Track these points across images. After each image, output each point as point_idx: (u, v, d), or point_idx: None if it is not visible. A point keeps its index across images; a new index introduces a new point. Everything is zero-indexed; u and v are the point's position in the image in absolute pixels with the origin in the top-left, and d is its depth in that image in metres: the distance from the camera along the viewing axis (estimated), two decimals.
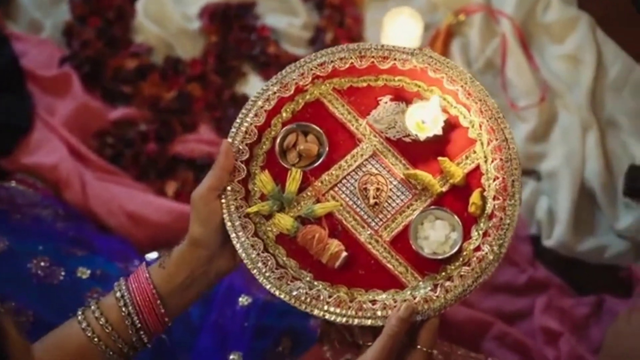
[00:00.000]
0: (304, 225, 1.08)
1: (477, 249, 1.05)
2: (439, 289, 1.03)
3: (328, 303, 1.04)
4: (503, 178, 1.07)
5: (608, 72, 1.95)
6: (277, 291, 1.04)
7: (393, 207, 1.10)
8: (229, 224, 1.06)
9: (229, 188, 1.08)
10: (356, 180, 1.10)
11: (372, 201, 1.09)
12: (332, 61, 1.13)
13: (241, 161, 1.09)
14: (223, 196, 1.07)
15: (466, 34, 2.03)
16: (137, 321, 1.06)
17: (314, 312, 1.04)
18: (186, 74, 1.94)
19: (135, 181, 1.83)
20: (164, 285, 1.07)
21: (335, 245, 1.07)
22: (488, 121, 1.09)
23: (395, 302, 1.03)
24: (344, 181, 1.11)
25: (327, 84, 1.14)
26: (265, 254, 1.06)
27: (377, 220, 1.09)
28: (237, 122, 1.10)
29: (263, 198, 1.10)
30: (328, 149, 1.11)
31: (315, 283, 1.06)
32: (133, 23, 2.02)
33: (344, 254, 1.07)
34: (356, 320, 1.03)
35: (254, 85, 1.97)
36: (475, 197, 1.07)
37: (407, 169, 1.10)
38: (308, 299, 1.04)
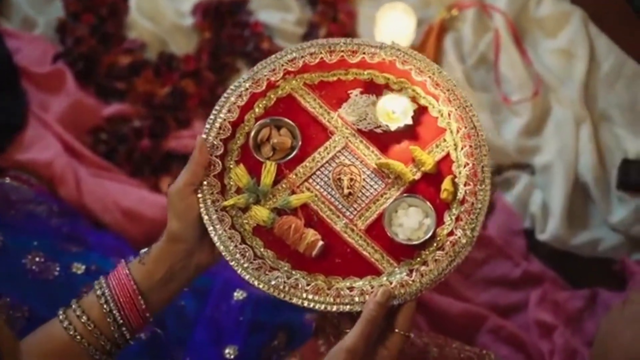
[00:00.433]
0: (280, 216, 1.10)
1: (451, 234, 1.08)
2: (415, 274, 1.06)
3: (306, 291, 1.06)
4: (473, 164, 1.10)
5: (601, 66, 1.96)
6: (256, 281, 1.06)
7: (367, 197, 1.12)
8: (206, 218, 1.08)
9: (205, 183, 1.09)
10: (330, 171, 1.13)
11: (346, 191, 1.12)
12: (303, 56, 1.16)
13: (216, 156, 1.11)
14: (199, 191, 1.09)
15: (459, 29, 2.03)
16: (119, 317, 1.07)
17: (293, 301, 1.05)
18: (180, 70, 1.94)
19: (129, 177, 1.83)
20: (144, 280, 1.08)
21: (311, 234, 1.09)
22: (456, 110, 1.13)
23: (372, 288, 1.05)
24: (318, 172, 1.13)
25: (298, 79, 1.17)
26: (243, 246, 1.08)
27: (352, 209, 1.12)
28: (211, 119, 1.13)
29: (239, 192, 1.11)
30: (301, 142, 1.14)
31: (293, 272, 1.08)
32: (126, 19, 2.01)
33: (321, 243, 1.09)
34: (335, 307, 1.05)
35: None
36: (446, 184, 1.10)
37: (380, 159, 1.13)
38: (287, 288, 1.06)
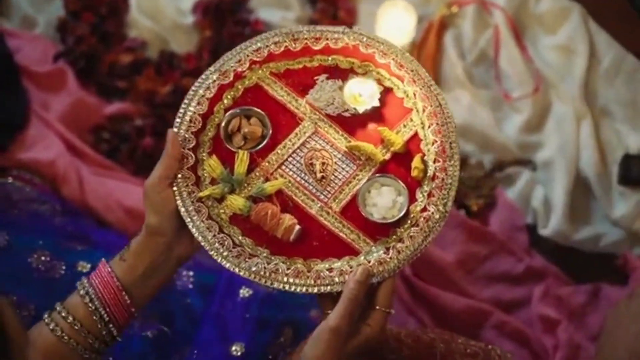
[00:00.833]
0: (256, 204, 1.11)
1: (424, 210, 1.10)
2: (392, 251, 1.08)
3: (287, 275, 1.07)
4: (441, 141, 1.12)
5: (601, 62, 1.97)
6: (237, 269, 1.07)
7: (340, 179, 1.13)
8: (183, 210, 1.08)
9: (180, 175, 1.10)
10: (302, 157, 1.14)
11: (319, 175, 1.13)
12: (267, 46, 1.17)
13: (188, 149, 1.12)
14: (174, 184, 1.09)
15: (459, 26, 2.04)
16: (105, 315, 1.08)
17: (274, 285, 1.07)
18: (181, 69, 1.94)
19: (132, 176, 1.83)
20: (127, 276, 1.09)
21: (288, 219, 1.09)
22: (421, 89, 1.15)
23: (351, 268, 1.07)
24: (290, 159, 1.14)
25: (265, 69, 1.18)
26: (221, 235, 1.09)
27: (326, 192, 1.13)
28: (181, 112, 1.13)
29: (213, 182, 1.12)
30: (271, 130, 1.15)
31: (272, 258, 1.09)
32: (126, 18, 2.01)
33: (298, 227, 1.09)
34: (315, 288, 1.06)
35: None
36: (416, 162, 1.12)
37: (350, 142, 1.14)
38: (267, 273, 1.07)
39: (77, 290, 1.09)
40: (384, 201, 1.11)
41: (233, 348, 1.37)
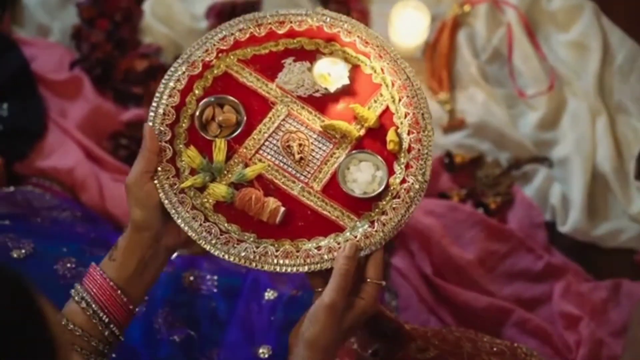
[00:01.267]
0: (238, 190, 1.12)
1: (403, 182, 1.12)
2: (377, 224, 1.10)
3: (277, 257, 1.08)
4: (413, 113, 1.14)
5: (615, 59, 1.98)
6: (227, 255, 1.08)
7: (318, 159, 1.15)
8: (167, 202, 1.09)
9: (159, 169, 1.11)
10: (278, 140, 1.16)
11: (298, 156, 1.14)
12: (233, 33, 1.19)
13: (165, 141, 1.13)
14: (155, 177, 1.10)
15: (472, 25, 2.04)
16: (104, 316, 1.09)
17: (265, 268, 1.08)
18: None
19: None
20: (119, 275, 1.10)
21: (272, 202, 1.11)
22: (388, 64, 1.17)
23: (338, 244, 1.08)
24: (267, 143, 1.15)
25: (232, 56, 1.19)
26: (207, 224, 1.10)
27: (306, 173, 1.14)
28: (154, 106, 1.14)
29: (193, 173, 1.13)
30: (246, 116, 1.16)
31: (260, 241, 1.10)
32: (141, 24, 2.02)
33: (282, 209, 1.11)
34: (306, 267, 1.08)
35: None
36: (391, 135, 1.13)
37: (324, 121, 1.16)
38: (257, 257, 1.08)
39: (72, 297, 1.10)
40: (364, 176, 1.13)
41: (260, 350, 1.37)
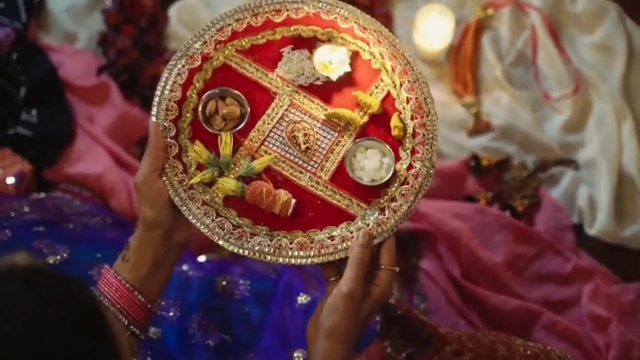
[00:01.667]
0: (247, 183, 1.12)
1: (410, 167, 1.12)
2: (387, 211, 1.10)
3: (291, 249, 1.09)
4: (415, 98, 1.14)
5: None
6: (241, 250, 1.08)
7: (323, 148, 1.15)
8: (177, 199, 1.09)
9: (167, 165, 1.11)
10: (282, 130, 1.15)
11: (304, 146, 1.14)
12: (230, 24, 1.18)
13: (170, 137, 1.12)
14: (163, 175, 1.10)
15: (496, 28, 2.04)
16: (124, 318, 1.08)
17: (280, 261, 1.08)
18: None
19: None
20: (134, 276, 1.10)
21: (283, 194, 1.11)
22: (387, 49, 1.17)
23: (351, 233, 1.09)
24: (272, 134, 1.15)
25: (230, 47, 1.18)
26: (219, 219, 1.10)
27: (312, 162, 1.14)
28: (156, 101, 1.14)
29: (200, 168, 1.12)
30: (249, 108, 1.15)
31: (273, 234, 1.10)
32: (166, 30, 2.03)
33: (294, 201, 1.11)
34: (321, 258, 1.09)
35: None
36: (395, 121, 1.13)
37: (327, 110, 1.15)
38: (272, 250, 1.09)
39: None
40: (371, 163, 1.13)
41: (295, 355, 1.37)
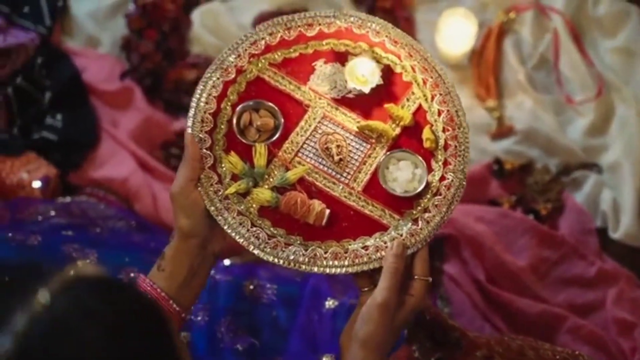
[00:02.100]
0: (281, 194, 1.13)
1: (442, 179, 1.13)
2: (420, 222, 1.11)
3: (325, 258, 1.10)
4: (447, 110, 1.16)
5: None
6: (276, 259, 1.09)
7: (356, 159, 1.16)
8: (213, 209, 1.10)
9: (202, 176, 1.12)
10: (315, 142, 1.16)
11: (337, 158, 1.15)
12: (263, 37, 1.19)
13: (205, 148, 1.13)
14: (199, 185, 1.11)
15: (518, 31, 2.05)
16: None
17: (314, 270, 1.09)
18: None
19: None
20: (169, 285, 1.10)
21: (317, 204, 1.12)
22: (419, 63, 1.18)
23: (385, 243, 1.10)
24: (305, 145, 1.16)
25: (263, 60, 1.19)
26: (254, 229, 1.11)
27: (345, 174, 1.15)
28: (191, 113, 1.14)
29: (234, 178, 1.13)
30: (283, 120, 1.16)
31: (307, 244, 1.11)
32: (189, 34, 2.04)
33: (328, 211, 1.12)
34: (355, 267, 1.09)
35: None
36: (427, 133, 1.15)
37: (359, 122, 1.16)
38: (306, 260, 1.10)
39: None
40: (404, 175, 1.14)
41: (323, 359, 1.38)
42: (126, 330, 0.73)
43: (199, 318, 1.41)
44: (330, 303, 1.44)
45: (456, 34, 1.94)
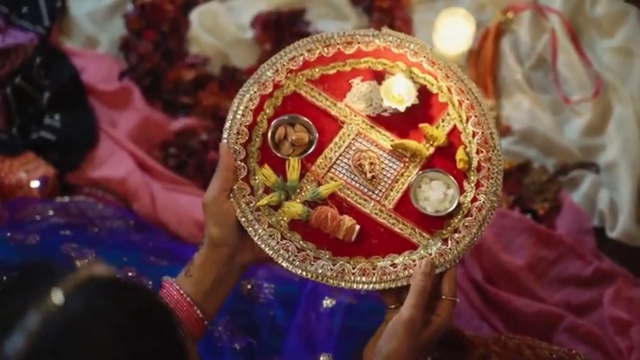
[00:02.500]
0: (312, 208, 1.13)
1: (474, 200, 1.13)
2: (450, 242, 1.11)
3: (354, 274, 1.10)
4: (482, 132, 1.16)
5: None
6: (304, 272, 1.10)
7: (389, 177, 1.16)
8: (244, 220, 1.11)
9: (235, 187, 1.12)
10: (349, 158, 1.17)
11: (370, 175, 1.15)
12: (302, 54, 1.20)
13: (239, 160, 1.14)
14: (231, 195, 1.12)
15: (516, 32, 2.05)
16: (181, 332, 1.09)
17: (342, 285, 1.10)
18: (244, 83, 1.97)
19: (201, 189, 1.85)
20: (196, 291, 1.11)
21: (348, 220, 1.12)
22: (455, 84, 1.19)
23: (413, 262, 1.10)
24: (339, 162, 1.17)
25: (301, 76, 1.20)
26: (284, 241, 1.11)
27: (377, 191, 1.15)
28: (228, 125, 1.16)
29: (267, 191, 1.14)
30: (317, 135, 1.17)
31: (336, 259, 1.11)
32: (187, 34, 2.04)
33: (358, 227, 1.12)
34: (383, 284, 1.10)
35: None
36: (460, 154, 1.15)
37: (393, 140, 1.17)
38: (334, 274, 1.10)
39: None
40: (436, 195, 1.14)
41: (321, 358, 1.38)
42: (138, 330, 0.74)
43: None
44: (327, 302, 1.45)
45: (454, 34, 1.94)
